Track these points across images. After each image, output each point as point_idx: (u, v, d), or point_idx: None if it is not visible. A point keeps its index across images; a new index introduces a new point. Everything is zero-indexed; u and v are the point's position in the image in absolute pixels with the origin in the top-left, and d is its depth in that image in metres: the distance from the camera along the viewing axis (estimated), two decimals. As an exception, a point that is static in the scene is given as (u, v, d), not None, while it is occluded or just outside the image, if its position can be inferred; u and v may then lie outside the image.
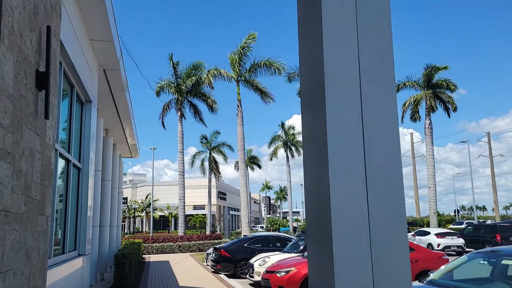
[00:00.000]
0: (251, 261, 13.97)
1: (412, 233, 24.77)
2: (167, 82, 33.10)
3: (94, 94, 8.48)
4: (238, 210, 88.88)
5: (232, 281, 14.24)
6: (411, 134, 66.10)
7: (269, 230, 59.70)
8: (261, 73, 26.94)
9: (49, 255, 5.66)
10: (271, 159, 56.63)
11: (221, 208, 75.38)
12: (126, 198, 71.49)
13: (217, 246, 17.09)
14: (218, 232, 49.79)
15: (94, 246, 11.75)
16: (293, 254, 13.43)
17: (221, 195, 74.88)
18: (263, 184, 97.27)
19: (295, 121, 58.72)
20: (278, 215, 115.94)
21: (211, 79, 26.68)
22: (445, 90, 33.50)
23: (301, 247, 13.73)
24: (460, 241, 23.71)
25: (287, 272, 10.38)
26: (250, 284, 14.09)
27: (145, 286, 13.01)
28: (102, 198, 14.49)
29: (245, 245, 16.27)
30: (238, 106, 26.91)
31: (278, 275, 10.50)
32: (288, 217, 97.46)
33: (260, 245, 16.62)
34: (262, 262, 13.39)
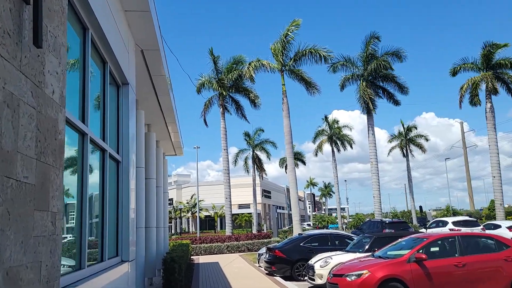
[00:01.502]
0: (311, 262, 12.59)
1: (481, 226, 22.50)
2: (208, 78, 32.27)
3: (132, 77, 7.40)
4: (283, 208, 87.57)
5: (289, 284, 12.93)
6: (461, 123, 62.24)
7: (316, 228, 58.01)
8: (306, 62, 25.46)
9: (82, 264, 4.56)
10: (316, 155, 54.85)
11: (266, 207, 74.31)
12: (171, 199, 71.96)
13: (271, 246, 15.81)
14: (265, 231, 48.71)
15: (140, 249, 10.78)
16: (358, 254, 11.95)
17: (266, 193, 73.82)
18: (307, 181, 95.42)
19: (337, 116, 56.64)
20: (323, 212, 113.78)
21: (252, 73, 25.42)
22: (508, 70, 30.63)
23: (367, 246, 12.20)
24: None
25: (359, 275, 8.94)
26: (309, 287, 12.74)
27: (197, 292, 11.94)
28: (147, 198, 13.58)
29: (301, 244, 14.90)
30: (283, 97, 25.52)
31: (348, 279, 9.07)
32: (335, 214, 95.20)
33: (317, 244, 15.20)
34: (323, 263, 11.99)
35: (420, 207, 53.45)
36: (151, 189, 13.75)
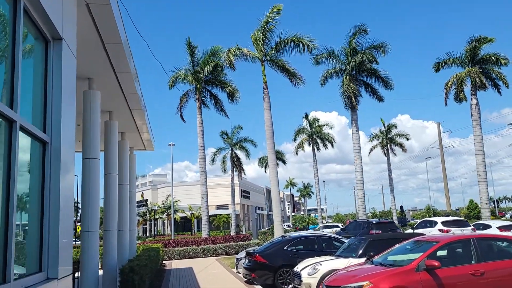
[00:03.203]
0: (296, 269, 10.95)
1: (472, 226, 21.33)
2: (183, 71, 30.35)
3: (70, 32, 5.58)
4: (262, 209, 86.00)
5: (272, 295, 11.26)
6: (438, 124, 61.89)
7: (296, 229, 56.51)
8: (288, 52, 23.80)
9: None
10: (296, 153, 53.53)
11: (245, 207, 72.58)
12: (146, 200, 69.46)
13: (250, 250, 14.11)
14: (243, 233, 46.96)
15: (93, 257, 8.94)
16: (351, 260, 10.37)
17: (245, 194, 72.09)
18: (286, 181, 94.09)
19: (317, 116, 55.12)
20: (302, 212, 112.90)
21: (232, 58, 23.63)
22: (493, 65, 29.79)
23: (360, 250, 10.63)
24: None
25: (359, 287, 7.32)
26: (295, 298, 11.09)
27: (163, 307, 10.13)
28: (107, 196, 11.74)
29: (284, 248, 13.23)
30: (264, 88, 23.80)
31: (345, 292, 7.45)
32: (314, 214, 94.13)
33: (302, 247, 13.58)
34: (312, 271, 10.36)
35: (401, 207, 52.78)
36: (112, 186, 11.90)
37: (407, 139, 52.63)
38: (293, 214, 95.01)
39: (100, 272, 11.96)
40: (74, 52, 5.79)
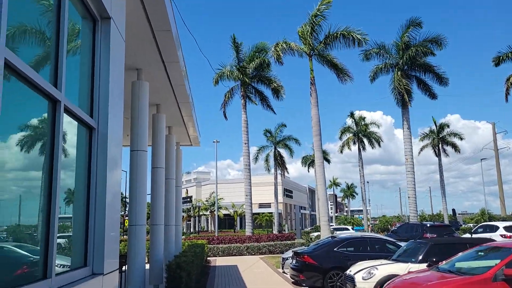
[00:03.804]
0: (350, 272, 10.26)
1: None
2: (229, 68, 30.16)
3: (119, 11, 5.24)
4: (304, 208, 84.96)
5: (322, 299, 10.64)
6: (493, 124, 58.34)
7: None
8: (337, 47, 22.95)
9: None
10: (341, 152, 52.23)
11: (287, 206, 71.93)
12: (191, 197, 70.40)
13: (298, 250, 13.52)
14: (286, 232, 46.34)
15: (140, 251, 8.69)
16: (410, 265, 9.59)
17: (287, 193, 71.44)
18: (330, 181, 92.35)
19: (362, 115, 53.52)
20: (345, 213, 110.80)
21: (280, 53, 23.08)
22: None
23: (421, 255, 9.78)
24: None
25: (427, 297, 6.59)
26: (347, 303, 10.42)
27: (210, 307, 9.76)
28: (154, 190, 11.54)
29: (335, 249, 12.54)
30: (311, 84, 23.08)
31: (410, 301, 6.73)
32: (357, 215, 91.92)
33: (353, 249, 12.85)
34: (367, 275, 9.65)
35: (453, 210, 50.17)
36: (159, 180, 11.69)
37: (461, 138, 50.01)
38: (336, 214, 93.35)
39: (147, 266, 11.83)
40: (123, 34, 5.45)
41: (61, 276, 3.68)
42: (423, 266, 9.18)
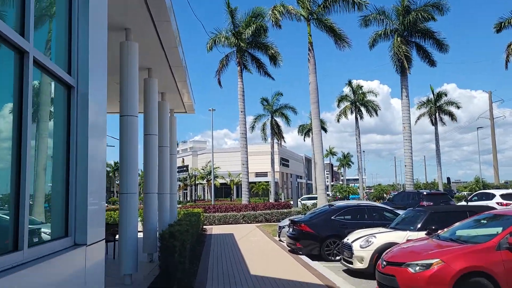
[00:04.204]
0: (347, 240, 10.08)
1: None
2: (224, 33, 29.30)
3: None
4: (301, 177, 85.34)
5: (319, 266, 10.50)
6: (490, 92, 57.85)
7: (335, 198, 55.64)
8: (336, 11, 22.17)
9: None
10: (338, 121, 51.94)
11: (284, 175, 72.15)
12: (187, 166, 70.32)
13: (295, 219, 13.37)
14: (282, 200, 46.56)
15: (131, 220, 8.42)
16: (409, 233, 9.40)
17: (284, 162, 71.46)
18: (326, 150, 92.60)
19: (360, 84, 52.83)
20: (341, 182, 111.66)
21: (278, 16, 22.28)
22: None
23: (420, 223, 9.58)
24: None
25: (427, 266, 6.38)
26: (344, 271, 10.30)
27: (205, 276, 9.59)
28: (147, 157, 11.19)
29: (332, 217, 12.37)
30: (309, 50, 22.41)
31: (410, 270, 6.53)
32: (352, 184, 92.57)
33: (350, 217, 12.69)
34: (365, 243, 9.47)
35: (448, 178, 50.49)
36: (152, 148, 11.32)
37: (458, 107, 49.70)
38: (332, 183, 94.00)
39: (141, 235, 11.64)
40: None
41: (37, 248, 3.34)
42: (422, 234, 9.00)
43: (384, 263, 7.12)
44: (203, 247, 14.49)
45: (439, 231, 8.35)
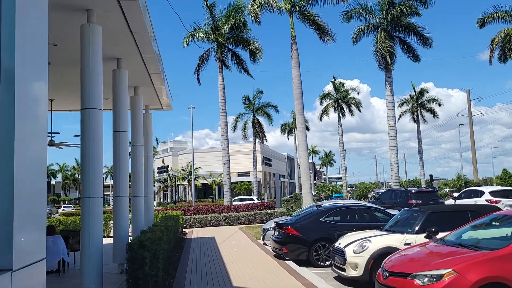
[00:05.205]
0: (339, 244, 9.18)
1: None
2: (203, 28, 28.16)
3: None
4: (283, 176, 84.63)
5: (308, 273, 9.59)
6: (468, 90, 58.14)
7: (319, 197, 55.13)
8: (318, 3, 21.34)
9: None
10: (320, 119, 51.36)
11: (266, 175, 71.32)
12: (167, 167, 68.85)
13: (281, 221, 12.43)
14: (265, 200, 45.70)
15: (94, 228, 7.35)
16: (406, 236, 8.57)
17: (266, 161, 70.67)
18: (309, 149, 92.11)
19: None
20: (323, 181, 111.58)
21: (257, 10, 21.32)
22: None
23: (418, 225, 8.75)
24: None
25: (438, 278, 5.50)
26: (335, 278, 9.42)
27: (181, 289, 8.55)
28: (117, 157, 10.09)
29: (321, 219, 11.47)
30: (292, 43, 21.52)
31: (418, 282, 5.65)
32: (334, 183, 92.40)
33: (339, 219, 11.82)
34: (359, 248, 8.58)
35: (431, 175, 50.38)
36: (122, 146, 10.21)
37: (439, 104, 49.69)
38: (314, 182, 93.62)
39: (110, 241, 10.53)
40: None
41: None
42: (421, 237, 8.18)
43: (386, 273, 6.22)
44: (181, 253, 13.43)
45: (440, 234, 7.53)
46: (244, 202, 31.26)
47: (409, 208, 10.89)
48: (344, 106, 50.41)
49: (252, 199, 40.88)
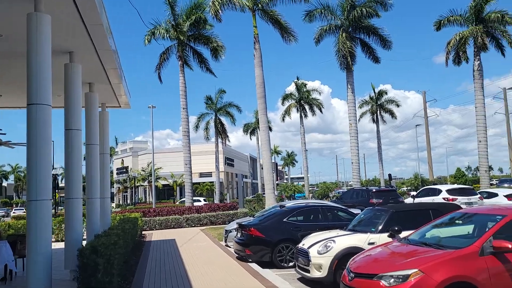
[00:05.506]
0: (303, 245, 9.00)
1: (479, 195, 19.78)
2: (164, 25, 27.48)
3: None
4: (246, 177, 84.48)
5: (271, 275, 9.36)
6: (424, 92, 60.27)
7: (281, 197, 55.34)
8: (282, 1, 21.19)
9: None
10: (283, 120, 51.67)
11: (229, 175, 70.91)
12: (127, 167, 67.07)
13: (244, 222, 12.14)
14: (228, 201, 45.33)
15: (42, 234, 6.79)
16: (370, 235, 8.51)
17: (229, 161, 70.25)
18: (271, 149, 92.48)
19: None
20: (285, 181, 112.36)
21: (218, 7, 20.93)
22: (499, 24, 27.71)
23: (381, 224, 8.70)
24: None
25: (404, 278, 5.38)
26: (299, 279, 9.23)
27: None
28: (68, 156, 9.48)
29: (284, 220, 11.27)
30: (255, 42, 21.27)
31: (384, 283, 5.51)
32: (296, 183, 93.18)
33: (303, 219, 11.68)
34: (323, 249, 8.42)
35: (389, 175, 51.70)
36: (75, 145, 9.59)
37: (397, 105, 51.08)
38: (277, 182, 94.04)
39: (62, 245, 9.89)
40: None
41: None
42: (384, 236, 8.14)
43: (352, 274, 6.06)
44: (139, 257, 12.88)
45: (403, 233, 7.50)
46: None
47: (372, 208, 10.88)
48: (306, 107, 50.86)
49: (199, 201, 40.97)
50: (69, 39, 8.99)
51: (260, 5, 21.67)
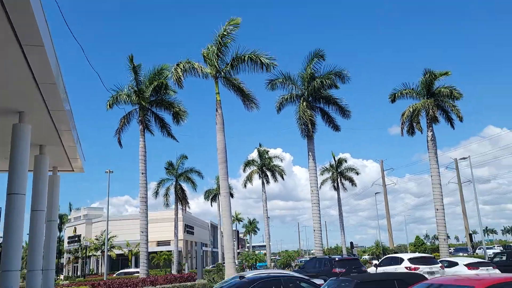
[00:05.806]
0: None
1: (440, 264, 19.65)
2: (126, 90, 27.40)
3: None
4: (206, 245, 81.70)
5: None
6: (381, 161, 62.33)
7: (242, 267, 53.46)
8: (245, 70, 21.76)
9: None
10: (245, 186, 51.15)
11: (188, 244, 68.28)
12: (79, 236, 63.40)
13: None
14: (186, 272, 43.15)
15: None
16: (335, 309, 7.96)
17: (188, 229, 68.00)
18: (233, 216, 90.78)
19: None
20: (247, 249, 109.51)
21: (180, 74, 21.13)
22: (448, 99, 29.49)
23: (346, 296, 8.23)
24: (497, 273, 18.77)
25: None
26: None
27: None
28: (10, 224, 8.65)
29: (245, 293, 10.54)
30: (217, 108, 21.37)
31: None
32: (258, 251, 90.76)
33: (264, 291, 10.96)
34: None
35: (351, 243, 51.49)
36: (17, 211, 8.80)
37: (357, 173, 52.04)
38: (238, 250, 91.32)
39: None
40: None
41: None
42: (350, 309, 7.65)
43: None
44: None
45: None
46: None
47: (336, 278, 10.39)
48: (268, 173, 50.93)
49: (138, 272, 38.73)
50: (18, 98, 8.56)
51: (222, 73, 22.11)
